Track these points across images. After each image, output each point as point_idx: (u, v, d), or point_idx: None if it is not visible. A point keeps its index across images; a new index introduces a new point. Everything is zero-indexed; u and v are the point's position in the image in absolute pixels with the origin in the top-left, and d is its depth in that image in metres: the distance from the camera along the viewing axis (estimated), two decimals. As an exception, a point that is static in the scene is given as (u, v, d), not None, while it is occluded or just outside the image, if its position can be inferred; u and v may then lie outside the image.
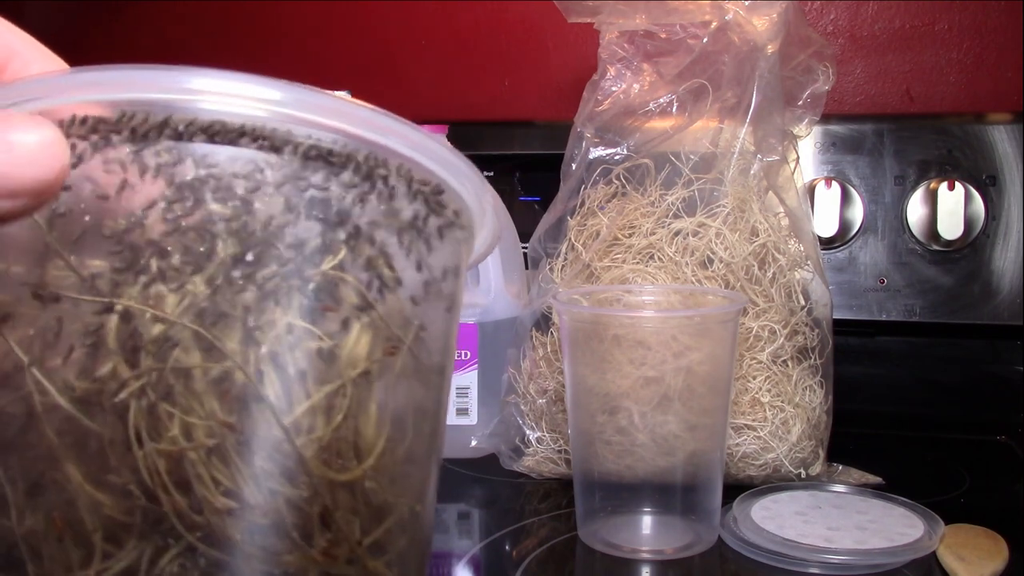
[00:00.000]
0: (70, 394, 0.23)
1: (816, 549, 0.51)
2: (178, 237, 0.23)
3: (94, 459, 0.23)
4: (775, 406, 0.61)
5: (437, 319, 0.28)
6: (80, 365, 0.23)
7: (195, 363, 0.23)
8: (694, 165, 0.65)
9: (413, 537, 0.27)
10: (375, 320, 0.25)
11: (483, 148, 0.91)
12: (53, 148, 0.22)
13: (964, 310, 0.81)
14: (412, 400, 0.27)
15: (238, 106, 0.24)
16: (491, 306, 0.72)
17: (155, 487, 0.22)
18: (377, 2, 1.04)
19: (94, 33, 1.12)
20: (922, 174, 0.82)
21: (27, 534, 0.23)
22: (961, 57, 0.90)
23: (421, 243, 0.27)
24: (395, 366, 0.26)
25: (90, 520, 0.23)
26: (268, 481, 0.23)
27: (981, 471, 0.69)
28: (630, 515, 0.55)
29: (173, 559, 0.23)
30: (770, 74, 0.64)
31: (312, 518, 0.24)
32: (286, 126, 0.24)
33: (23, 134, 0.22)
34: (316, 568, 0.24)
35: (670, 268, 0.63)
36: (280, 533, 0.23)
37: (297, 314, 0.24)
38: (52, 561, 0.23)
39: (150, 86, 0.23)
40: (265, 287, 0.24)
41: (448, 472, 0.69)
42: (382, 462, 0.25)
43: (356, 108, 0.25)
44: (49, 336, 0.23)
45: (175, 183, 0.23)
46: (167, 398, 0.23)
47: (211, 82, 0.23)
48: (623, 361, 0.53)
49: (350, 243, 0.25)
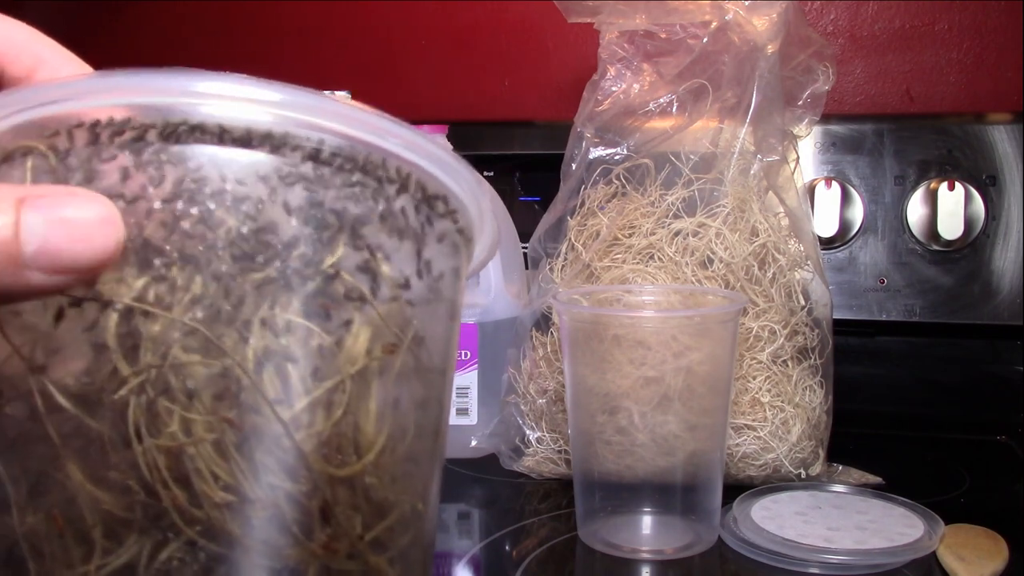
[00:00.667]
0: (71, 393, 0.23)
1: (816, 549, 0.51)
2: (178, 236, 0.23)
3: (94, 456, 0.23)
4: (775, 406, 0.61)
5: (437, 320, 0.28)
6: (80, 364, 0.23)
7: (194, 360, 0.23)
8: (694, 165, 0.65)
9: (416, 535, 0.27)
10: (373, 319, 0.25)
11: (483, 148, 0.91)
12: (109, 225, 0.22)
13: (964, 310, 0.81)
14: (413, 399, 0.27)
15: (238, 109, 0.24)
16: (491, 306, 0.72)
17: (155, 482, 0.23)
18: (377, 2, 1.04)
19: (95, 33, 1.12)
20: (922, 174, 0.82)
21: (28, 532, 0.23)
22: (961, 57, 0.90)
23: (419, 244, 0.27)
24: (395, 365, 0.26)
25: (90, 516, 0.23)
26: (268, 476, 0.23)
27: (981, 471, 0.69)
28: (630, 515, 0.55)
29: (173, 554, 0.23)
30: (770, 74, 0.64)
31: (312, 513, 0.24)
32: (286, 128, 0.24)
33: (78, 210, 0.22)
34: (316, 562, 0.24)
35: (670, 268, 0.63)
36: (280, 527, 0.23)
37: (296, 312, 0.24)
38: (53, 558, 0.23)
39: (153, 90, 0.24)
40: (264, 285, 0.24)
41: (448, 472, 0.69)
42: (382, 459, 0.26)
43: (356, 111, 0.25)
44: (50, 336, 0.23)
45: (175, 183, 0.24)
46: (166, 394, 0.23)
47: (210, 85, 0.24)
48: (623, 361, 0.53)
49: (348, 243, 0.25)
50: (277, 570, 0.24)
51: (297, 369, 0.24)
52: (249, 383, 0.23)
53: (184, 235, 0.23)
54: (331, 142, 0.25)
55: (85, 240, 0.22)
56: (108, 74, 0.24)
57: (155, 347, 0.23)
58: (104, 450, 0.23)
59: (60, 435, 0.23)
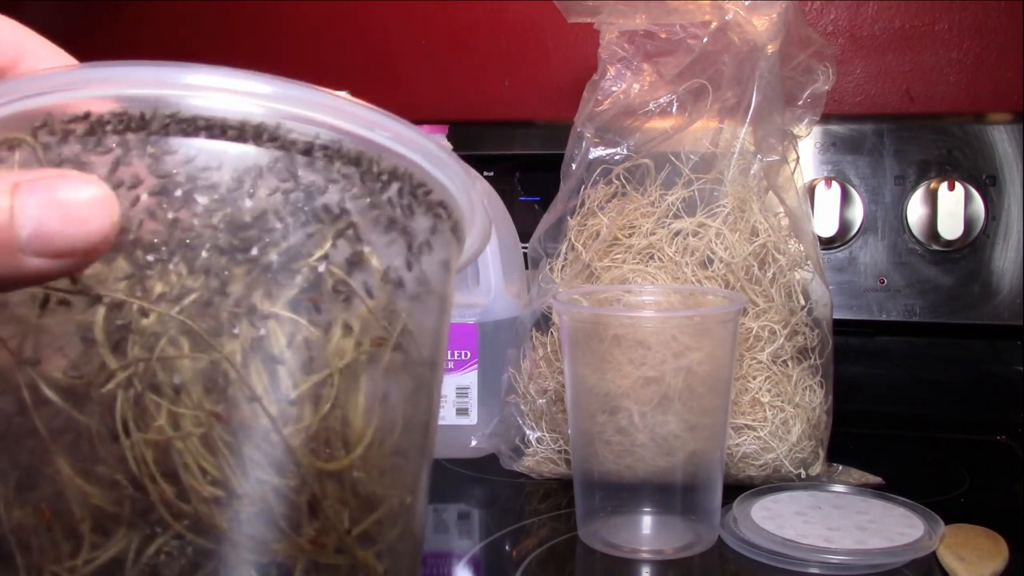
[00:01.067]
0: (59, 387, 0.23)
1: (816, 549, 0.51)
2: (166, 229, 0.23)
3: (82, 450, 0.23)
4: (775, 406, 0.61)
5: (426, 314, 0.28)
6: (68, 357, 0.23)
7: (182, 354, 0.23)
8: (694, 165, 0.65)
9: (404, 530, 0.27)
10: (362, 312, 0.25)
11: (483, 148, 0.91)
12: (103, 206, 0.22)
13: (964, 310, 0.81)
14: (402, 393, 0.27)
15: (229, 101, 0.24)
16: (491, 306, 0.72)
17: (142, 477, 0.23)
18: (377, 2, 1.04)
19: (94, 34, 1.12)
20: (922, 174, 0.82)
21: (16, 526, 0.23)
22: (961, 57, 0.90)
23: (408, 238, 0.27)
24: (383, 358, 0.26)
25: (78, 510, 0.23)
26: (256, 470, 0.23)
27: (981, 471, 0.69)
28: (630, 515, 0.55)
29: (161, 548, 0.23)
30: (770, 74, 0.64)
31: (300, 507, 0.24)
32: (276, 121, 0.24)
33: (71, 191, 0.22)
34: (304, 557, 0.24)
35: (670, 268, 0.63)
36: (268, 522, 0.23)
37: (284, 305, 0.24)
38: (41, 552, 0.23)
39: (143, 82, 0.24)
40: (252, 279, 0.24)
41: (448, 472, 0.69)
42: (370, 453, 0.26)
43: (346, 104, 0.25)
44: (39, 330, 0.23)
45: (165, 176, 0.24)
46: (154, 388, 0.23)
47: (202, 77, 0.24)
48: (623, 361, 0.53)
49: (337, 236, 0.25)
50: (265, 564, 0.24)
51: (285, 363, 0.24)
52: (237, 377, 0.23)
53: (173, 228, 0.23)
54: (322, 135, 0.25)
55: (79, 222, 0.22)
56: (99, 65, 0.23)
57: (143, 341, 0.23)
58: (92, 444, 0.23)
59: (48, 429, 0.23)
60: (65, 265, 0.22)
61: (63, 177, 0.22)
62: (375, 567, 0.26)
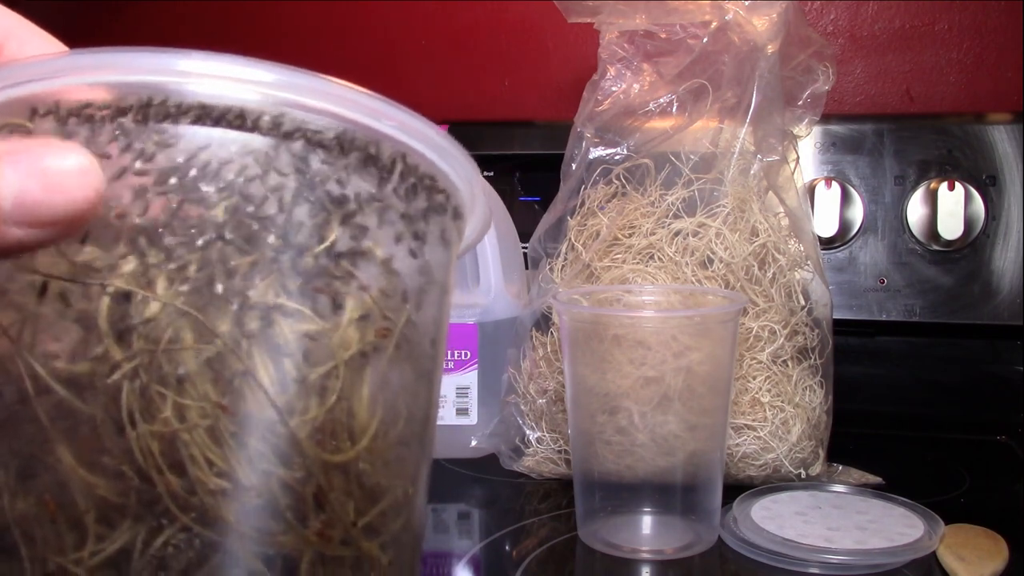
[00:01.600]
0: (62, 376, 0.23)
1: (816, 549, 0.51)
2: (170, 219, 0.23)
3: (87, 441, 0.23)
4: (775, 406, 0.61)
5: (429, 303, 0.28)
6: (72, 347, 0.23)
7: (187, 345, 0.23)
8: (694, 165, 0.65)
9: (407, 520, 0.27)
10: (366, 302, 0.25)
11: (483, 148, 0.91)
12: (87, 175, 0.22)
13: (964, 310, 0.81)
14: (405, 383, 0.27)
15: (230, 89, 0.24)
16: (491, 306, 0.72)
17: (148, 468, 0.22)
18: (377, 2, 1.04)
19: (93, 33, 1.12)
20: (922, 174, 0.82)
21: (19, 517, 0.23)
22: (961, 57, 0.90)
23: (412, 226, 0.27)
24: (387, 349, 0.26)
25: (83, 502, 0.23)
26: (262, 462, 0.23)
27: (981, 471, 0.69)
28: (630, 515, 0.55)
29: (168, 540, 0.23)
30: (770, 74, 0.64)
31: (306, 499, 0.24)
32: (279, 109, 0.24)
33: (53, 159, 0.21)
34: (311, 549, 0.24)
35: (670, 268, 0.63)
36: (274, 514, 0.23)
37: (289, 296, 0.24)
38: (45, 544, 0.23)
39: (143, 68, 0.23)
40: (256, 268, 0.23)
41: (448, 472, 0.69)
42: (375, 444, 0.25)
43: (349, 91, 0.25)
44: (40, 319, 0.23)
45: (167, 165, 0.23)
46: (159, 380, 0.23)
47: (203, 64, 0.23)
48: (623, 361, 0.53)
49: (341, 226, 0.25)
50: (271, 557, 0.23)
51: (290, 354, 0.24)
52: (242, 368, 0.23)
53: (175, 217, 0.23)
54: (324, 123, 0.25)
55: (62, 191, 0.21)
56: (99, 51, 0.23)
57: (147, 331, 0.23)
58: (97, 435, 0.23)
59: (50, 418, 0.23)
60: (48, 235, 0.22)
61: (46, 146, 0.22)
62: (379, 558, 0.26)
